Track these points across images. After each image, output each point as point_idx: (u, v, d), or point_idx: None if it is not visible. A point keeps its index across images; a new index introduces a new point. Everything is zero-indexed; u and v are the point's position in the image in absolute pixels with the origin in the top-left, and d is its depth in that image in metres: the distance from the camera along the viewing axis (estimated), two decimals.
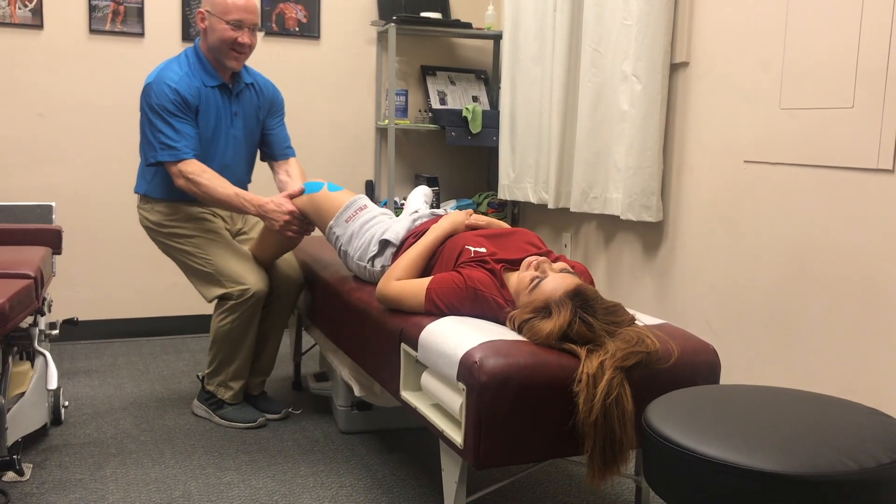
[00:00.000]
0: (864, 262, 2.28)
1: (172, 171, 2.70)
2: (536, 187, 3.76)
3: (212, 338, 2.85)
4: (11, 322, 2.07)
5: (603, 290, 3.48)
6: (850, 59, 2.28)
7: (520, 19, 3.80)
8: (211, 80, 2.80)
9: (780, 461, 1.32)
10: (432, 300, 2.10)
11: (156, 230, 2.87)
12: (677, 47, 2.97)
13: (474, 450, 1.78)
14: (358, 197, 2.63)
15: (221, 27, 2.72)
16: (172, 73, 2.73)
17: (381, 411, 2.80)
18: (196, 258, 2.82)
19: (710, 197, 2.85)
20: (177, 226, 2.83)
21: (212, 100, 2.80)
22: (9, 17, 3.60)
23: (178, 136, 2.69)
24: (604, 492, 2.41)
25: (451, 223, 2.37)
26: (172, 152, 2.69)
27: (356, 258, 2.52)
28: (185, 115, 2.72)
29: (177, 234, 2.84)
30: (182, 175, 2.68)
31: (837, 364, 2.37)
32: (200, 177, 2.69)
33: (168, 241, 2.86)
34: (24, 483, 2.35)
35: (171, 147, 2.69)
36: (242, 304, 2.76)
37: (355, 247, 2.52)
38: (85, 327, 3.85)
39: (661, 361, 1.87)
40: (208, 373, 2.90)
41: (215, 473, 2.47)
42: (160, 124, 2.68)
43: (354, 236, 2.53)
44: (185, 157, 2.69)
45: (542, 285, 2.00)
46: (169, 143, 2.68)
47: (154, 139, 2.70)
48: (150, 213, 2.87)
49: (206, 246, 2.82)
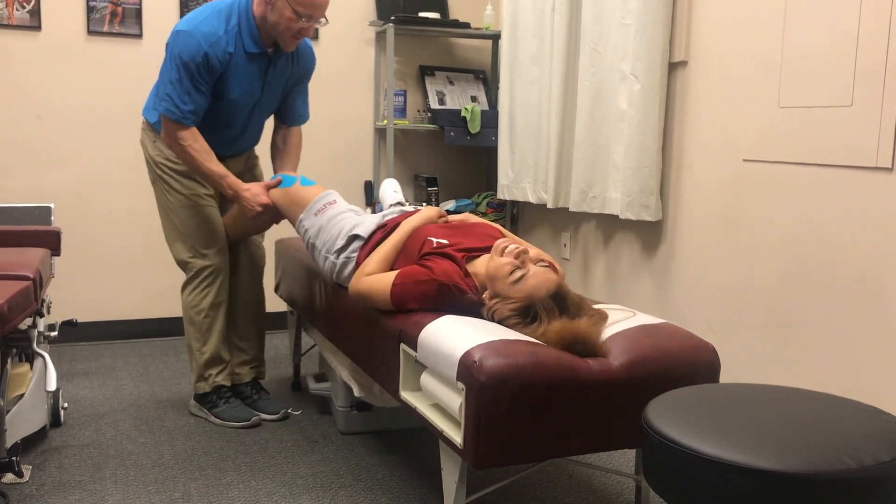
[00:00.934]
0: (863, 259, 2.28)
1: (167, 125, 2.66)
2: (535, 187, 3.76)
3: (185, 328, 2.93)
4: (10, 324, 2.07)
5: (602, 289, 3.48)
6: (848, 56, 2.28)
7: (518, 19, 3.79)
8: (253, 47, 2.66)
9: (780, 460, 1.32)
10: (398, 296, 2.13)
11: (153, 165, 2.86)
12: (676, 46, 2.97)
13: (474, 450, 1.78)
14: (328, 192, 2.67)
15: (289, 14, 2.56)
16: (210, 29, 2.58)
17: (381, 412, 2.80)
18: (175, 214, 2.84)
19: (710, 196, 2.85)
20: (173, 176, 2.81)
21: (246, 68, 2.68)
22: (7, 19, 3.60)
23: (188, 100, 2.61)
24: (604, 491, 2.41)
25: (422, 218, 2.39)
26: (174, 111, 2.62)
27: (323, 251, 2.53)
28: (203, 80, 2.61)
29: (168, 184, 2.82)
30: (173, 136, 2.65)
31: (837, 362, 2.37)
32: (192, 147, 2.66)
33: (160, 181, 2.85)
34: (24, 485, 2.35)
35: (176, 106, 2.61)
36: (199, 276, 2.84)
37: (322, 240, 2.54)
38: (84, 329, 3.84)
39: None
40: (191, 369, 2.94)
41: (215, 474, 2.46)
42: (175, 76, 2.59)
43: (322, 229, 2.55)
44: (185, 124, 2.64)
45: (524, 280, 2.01)
46: (175, 100, 2.61)
47: (163, 86, 2.64)
48: (153, 148, 2.84)
49: (188, 207, 2.83)
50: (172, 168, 2.81)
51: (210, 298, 2.87)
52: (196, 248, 2.84)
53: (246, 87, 2.72)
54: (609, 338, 1.94)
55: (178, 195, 2.82)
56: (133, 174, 3.85)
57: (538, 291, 1.98)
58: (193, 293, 2.87)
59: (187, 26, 2.59)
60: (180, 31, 2.60)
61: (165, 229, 2.89)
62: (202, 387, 2.91)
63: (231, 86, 2.68)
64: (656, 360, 1.89)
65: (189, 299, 2.88)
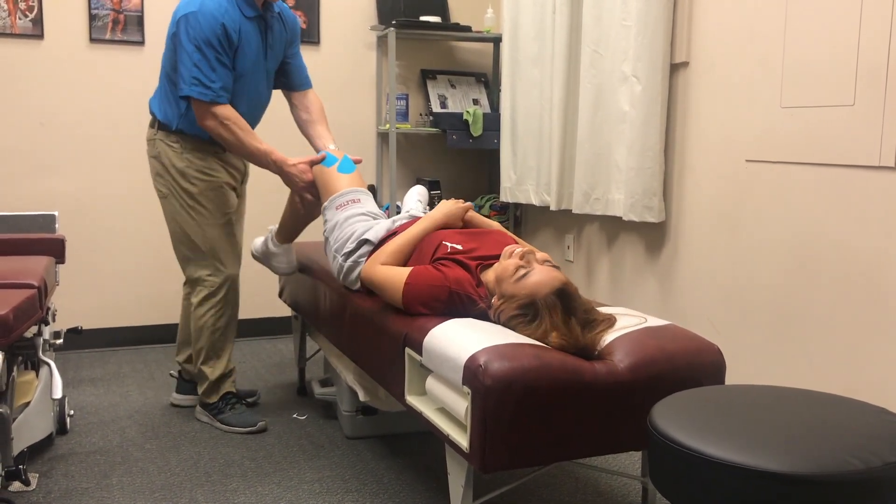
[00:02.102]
0: (867, 259, 2.28)
1: (201, 110, 2.58)
2: (538, 189, 3.76)
3: (195, 337, 2.86)
4: (16, 332, 2.08)
5: (606, 291, 3.48)
6: (850, 56, 2.28)
7: (519, 21, 3.80)
8: (249, 11, 2.65)
9: (786, 461, 1.32)
10: (408, 296, 2.13)
11: (176, 177, 2.73)
12: (677, 47, 2.97)
13: (480, 453, 1.78)
14: (355, 189, 2.64)
15: None
16: (215, 3, 2.57)
17: (387, 416, 2.80)
18: (196, 232, 2.75)
19: (712, 196, 2.85)
20: (203, 191, 2.73)
21: (251, 34, 2.66)
22: (9, 28, 3.61)
23: (216, 77, 2.56)
24: (610, 494, 2.40)
25: (445, 215, 2.38)
26: (206, 91, 2.55)
27: (333, 249, 2.55)
28: (226, 53, 2.58)
29: (195, 199, 2.74)
30: (215, 117, 2.57)
31: (842, 363, 2.37)
32: (235, 124, 2.59)
33: (180, 196, 2.74)
34: (31, 493, 2.35)
35: (206, 86, 2.55)
36: (218, 293, 2.80)
37: (335, 237, 2.55)
38: (89, 336, 3.85)
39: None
40: (200, 378, 2.89)
41: (221, 480, 2.47)
42: (198, 58, 2.54)
43: (337, 226, 2.56)
44: (220, 101, 2.58)
45: (527, 277, 2.01)
46: (204, 80, 2.55)
47: (187, 72, 2.55)
48: (179, 159, 2.73)
49: (216, 226, 2.76)
50: (205, 181, 2.74)
51: (226, 317, 2.85)
52: (216, 264, 2.80)
53: (253, 57, 2.69)
54: (614, 340, 1.94)
55: (206, 212, 2.75)
56: (136, 181, 3.86)
57: (541, 288, 1.97)
58: (211, 311, 2.82)
59: (193, 7, 2.57)
60: (188, 13, 2.57)
61: (179, 247, 2.82)
62: (212, 397, 2.90)
63: (241, 56, 2.65)
64: (661, 361, 1.89)
65: (207, 318, 2.82)
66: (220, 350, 2.88)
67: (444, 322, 2.03)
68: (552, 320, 1.94)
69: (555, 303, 1.95)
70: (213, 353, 2.86)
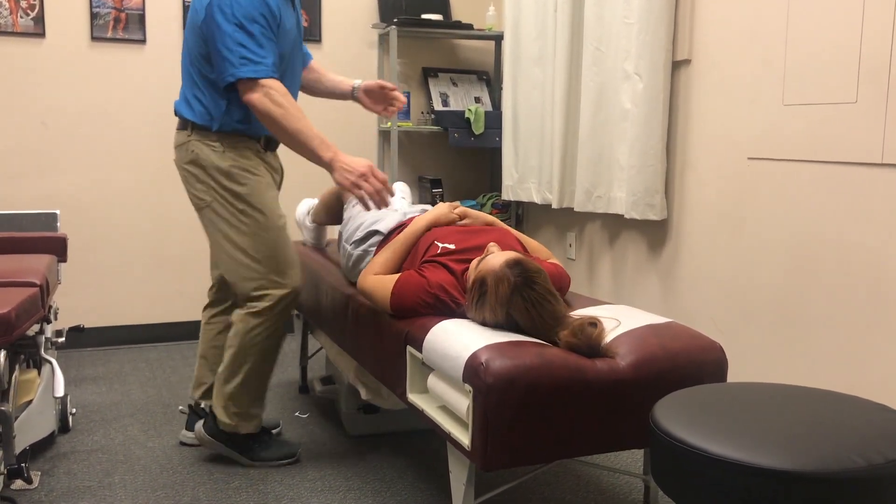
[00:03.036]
0: (870, 256, 2.28)
1: (252, 91, 2.25)
2: (540, 187, 3.75)
3: (234, 353, 2.46)
4: (18, 330, 2.08)
5: (608, 289, 3.48)
6: (852, 53, 2.28)
7: (521, 20, 3.79)
8: None
9: (788, 459, 1.32)
10: (395, 307, 2.14)
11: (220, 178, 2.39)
12: (679, 45, 2.96)
13: (482, 452, 1.78)
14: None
15: None
16: None
17: (388, 414, 2.80)
18: (246, 239, 2.38)
19: (715, 194, 2.85)
20: (244, 178, 2.40)
21: (286, 10, 2.38)
22: (11, 26, 3.61)
23: (264, 52, 2.25)
24: (612, 492, 2.40)
25: (434, 216, 2.38)
26: (257, 68, 2.24)
27: (344, 239, 2.57)
28: (271, 30, 2.28)
29: (244, 200, 2.39)
30: (267, 94, 2.24)
31: (844, 360, 2.36)
32: (286, 98, 2.26)
33: (227, 200, 2.39)
34: (33, 491, 2.36)
35: (256, 63, 2.24)
36: (276, 308, 2.42)
37: (347, 229, 2.58)
38: (91, 334, 3.86)
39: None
40: (222, 404, 2.49)
41: (223, 479, 2.47)
42: (242, 36, 2.24)
43: (351, 219, 2.59)
44: (273, 76, 2.27)
45: (481, 263, 2.01)
46: (254, 57, 2.24)
47: (232, 54, 2.24)
48: (222, 158, 2.39)
49: (269, 229, 2.40)
50: (254, 178, 2.41)
51: (275, 338, 2.49)
52: (273, 276, 2.40)
53: (292, 37, 2.44)
54: (616, 338, 1.94)
55: (259, 215, 2.39)
56: (138, 179, 3.86)
57: (491, 264, 1.96)
58: (261, 328, 2.43)
59: None
60: None
61: (227, 262, 2.42)
62: (243, 426, 2.51)
63: (283, 35, 2.37)
64: (663, 359, 1.89)
65: (259, 339, 2.44)
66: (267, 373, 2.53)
67: (445, 320, 2.03)
68: (497, 294, 1.91)
69: (505, 275, 1.92)
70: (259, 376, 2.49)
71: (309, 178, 3.86)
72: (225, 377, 2.48)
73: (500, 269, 1.94)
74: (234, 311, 2.50)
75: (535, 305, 1.91)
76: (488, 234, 2.30)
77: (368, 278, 2.26)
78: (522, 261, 1.96)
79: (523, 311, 1.91)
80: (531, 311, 1.91)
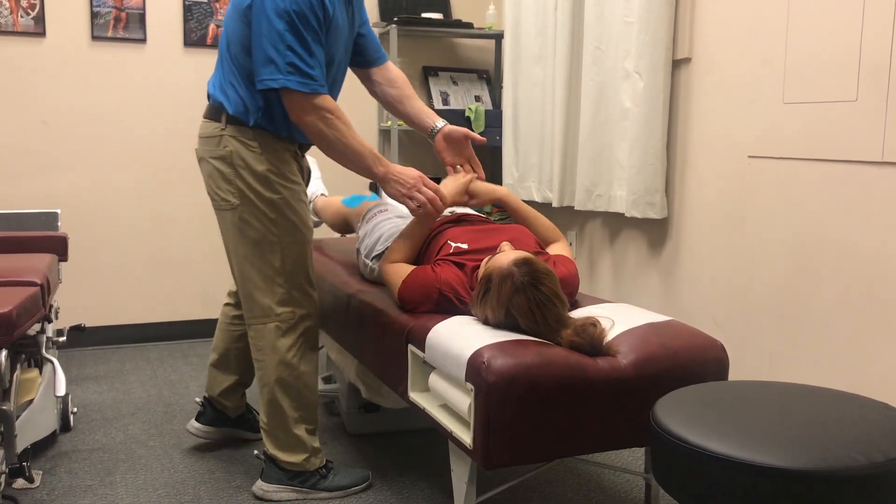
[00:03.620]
0: (870, 254, 2.28)
1: (304, 111, 2.07)
2: (540, 186, 3.76)
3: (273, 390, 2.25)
4: (19, 330, 2.08)
5: (609, 287, 3.48)
6: (853, 51, 2.28)
7: (521, 18, 3.79)
8: None
9: (789, 457, 1.32)
10: (402, 298, 2.18)
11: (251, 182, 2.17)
12: (679, 43, 2.96)
13: (483, 450, 1.78)
14: (378, 202, 2.71)
15: None
16: None
17: (389, 413, 2.80)
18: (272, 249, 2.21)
19: (715, 193, 2.85)
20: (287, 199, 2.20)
21: (339, 7, 2.15)
22: (11, 26, 3.61)
23: (314, 62, 2.04)
24: (613, 490, 2.41)
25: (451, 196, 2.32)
26: (307, 82, 2.03)
27: (363, 255, 2.56)
28: (321, 32, 2.06)
29: (275, 207, 2.19)
30: (316, 111, 2.06)
31: (845, 359, 2.37)
32: (339, 118, 2.09)
33: (257, 205, 2.19)
34: (34, 490, 2.36)
35: (306, 74, 2.03)
36: (298, 328, 2.27)
37: (365, 245, 2.57)
38: (92, 333, 3.86)
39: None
40: (277, 444, 2.29)
41: (225, 477, 2.47)
42: (290, 38, 2.00)
43: (367, 235, 2.58)
44: (322, 92, 2.07)
45: (490, 260, 2.02)
46: (303, 67, 2.02)
47: (280, 56, 2.00)
48: (258, 160, 2.17)
49: (299, 243, 2.23)
50: (289, 188, 2.21)
51: (311, 357, 2.31)
52: (293, 291, 2.24)
53: (344, 37, 2.23)
54: (617, 336, 1.94)
55: (290, 226, 2.22)
56: (139, 178, 3.86)
57: (499, 262, 1.97)
58: (292, 351, 2.26)
59: None
60: None
61: (247, 269, 2.23)
62: (311, 462, 2.30)
63: (334, 35, 2.16)
64: (664, 358, 1.89)
65: (287, 361, 2.26)
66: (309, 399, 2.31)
67: (447, 319, 2.04)
68: (501, 292, 1.91)
69: (510, 272, 1.91)
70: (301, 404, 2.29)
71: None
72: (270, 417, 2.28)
73: (507, 266, 1.94)
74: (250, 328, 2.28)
75: (540, 307, 1.91)
76: (502, 234, 2.29)
77: (386, 266, 2.29)
78: (531, 261, 1.95)
79: (526, 311, 1.91)
80: (535, 313, 1.91)
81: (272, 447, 2.29)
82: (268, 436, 2.30)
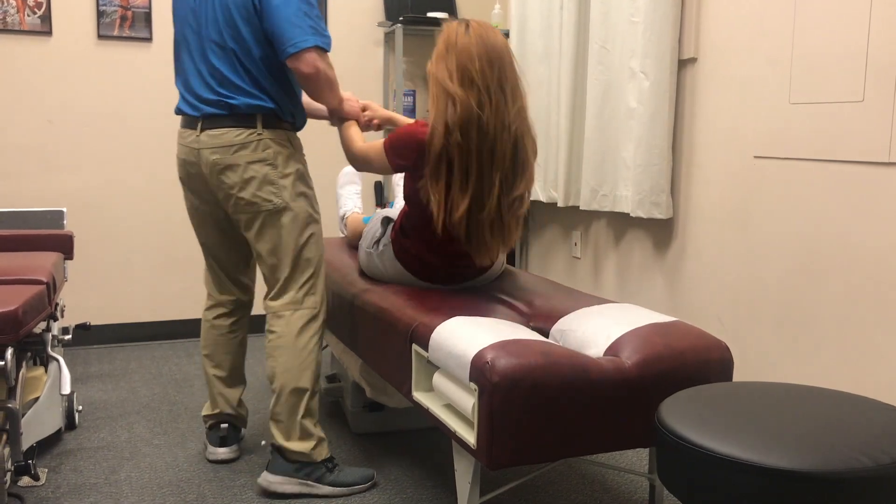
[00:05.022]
0: (877, 255, 2.27)
1: (321, 59, 2.17)
2: (546, 186, 3.75)
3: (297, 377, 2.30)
4: (25, 328, 2.08)
5: (613, 287, 3.48)
6: (859, 52, 2.27)
7: (526, 18, 3.79)
8: None
9: (795, 459, 1.31)
10: (388, 150, 2.32)
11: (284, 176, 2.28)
12: (685, 43, 2.96)
13: (487, 450, 1.78)
14: (378, 212, 2.74)
15: None
16: None
17: (393, 412, 2.80)
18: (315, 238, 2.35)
19: (720, 193, 2.84)
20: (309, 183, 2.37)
21: None
22: (18, 24, 3.62)
23: (324, 25, 2.24)
24: (617, 490, 2.40)
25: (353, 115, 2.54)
26: (326, 40, 2.20)
27: (365, 247, 2.61)
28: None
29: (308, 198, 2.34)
30: (325, 60, 2.20)
31: (851, 359, 2.36)
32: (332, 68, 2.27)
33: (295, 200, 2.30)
34: (40, 488, 2.37)
35: (323, 35, 2.20)
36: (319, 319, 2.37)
37: (362, 246, 2.63)
38: (97, 332, 3.87)
39: None
40: (287, 434, 2.31)
41: (229, 476, 2.47)
42: (306, 7, 2.17)
43: (367, 233, 2.64)
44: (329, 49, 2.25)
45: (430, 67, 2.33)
46: (319, 28, 2.19)
47: (303, 21, 2.15)
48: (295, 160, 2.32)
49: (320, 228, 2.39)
50: (311, 185, 2.39)
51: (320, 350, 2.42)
52: (318, 284, 2.39)
53: None
54: (621, 337, 1.94)
55: (319, 217, 2.40)
56: (145, 176, 3.87)
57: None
58: (314, 341, 2.35)
59: None
60: None
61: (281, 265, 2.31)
62: (318, 452, 2.34)
63: None
64: (669, 358, 1.89)
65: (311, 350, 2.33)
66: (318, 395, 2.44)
67: (451, 318, 2.04)
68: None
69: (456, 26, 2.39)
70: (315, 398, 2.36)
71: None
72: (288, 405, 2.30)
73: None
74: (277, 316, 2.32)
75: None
76: None
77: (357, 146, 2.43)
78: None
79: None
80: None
81: (281, 437, 2.30)
82: (278, 425, 2.31)
